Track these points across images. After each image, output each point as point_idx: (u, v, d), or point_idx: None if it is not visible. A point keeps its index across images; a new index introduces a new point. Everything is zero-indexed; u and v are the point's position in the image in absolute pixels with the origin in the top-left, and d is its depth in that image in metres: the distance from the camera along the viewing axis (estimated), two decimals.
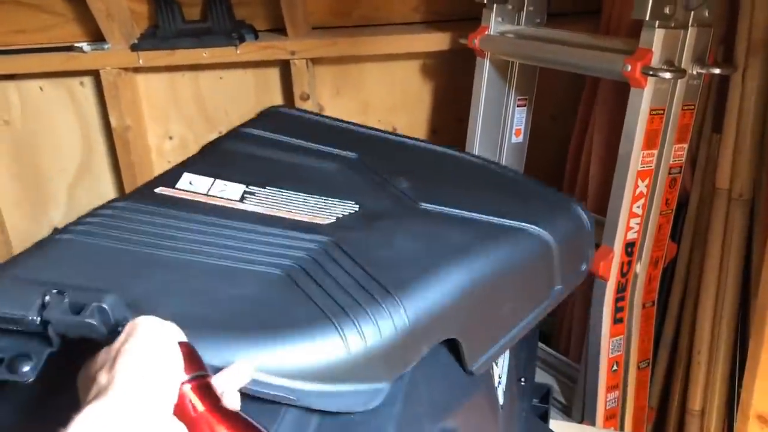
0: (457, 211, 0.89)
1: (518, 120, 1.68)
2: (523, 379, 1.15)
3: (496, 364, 0.93)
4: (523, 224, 0.88)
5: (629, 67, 1.24)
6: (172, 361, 0.54)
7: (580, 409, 1.48)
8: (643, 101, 1.25)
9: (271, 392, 0.61)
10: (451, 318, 0.76)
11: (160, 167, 2.10)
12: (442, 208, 0.89)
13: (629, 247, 1.36)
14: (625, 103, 1.30)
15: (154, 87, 2.01)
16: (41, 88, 2.05)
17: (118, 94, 1.94)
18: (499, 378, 0.95)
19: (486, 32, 1.59)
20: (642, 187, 1.32)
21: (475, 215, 0.88)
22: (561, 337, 1.77)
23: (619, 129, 1.32)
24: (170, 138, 2.07)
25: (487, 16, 1.60)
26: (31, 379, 0.58)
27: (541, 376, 1.59)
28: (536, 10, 1.61)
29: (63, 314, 0.57)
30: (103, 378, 0.52)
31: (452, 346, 0.79)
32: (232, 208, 0.84)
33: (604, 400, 1.43)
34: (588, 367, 1.43)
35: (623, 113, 1.30)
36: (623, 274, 1.37)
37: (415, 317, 0.70)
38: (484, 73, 1.62)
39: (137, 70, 1.96)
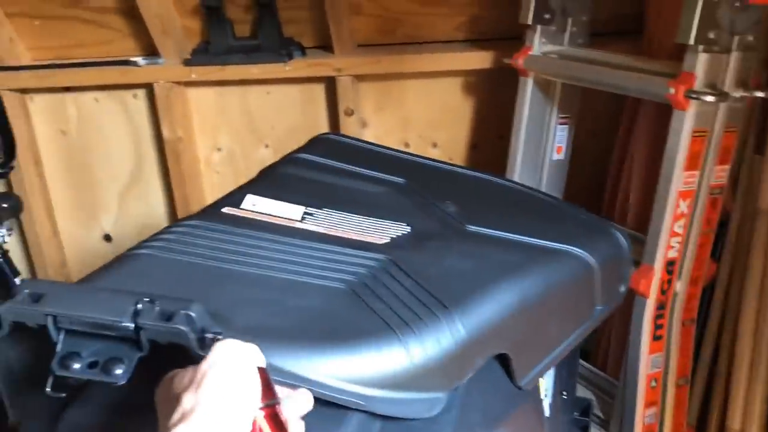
0: (502, 233, 0.93)
1: (560, 138, 1.71)
2: (564, 393, 1.18)
3: (543, 378, 0.97)
4: (566, 246, 0.92)
5: (672, 90, 1.27)
6: (253, 389, 0.57)
7: (618, 423, 1.50)
8: (685, 123, 1.28)
9: (343, 397, 0.66)
10: (503, 333, 0.80)
11: (208, 178, 2.17)
12: (488, 230, 0.94)
13: (670, 265, 1.38)
14: (666, 124, 1.33)
15: (204, 100, 2.08)
16: (97, 100, 2.14)
17: (170, 107, 2.02)
18: (546, 391, 0.98)
19: (529, 52, 1.63)
20: (683, 207, 1.35)
21: (520, 237, 0.93)
22: (599, 352, 1.79)
23: (660, 148, 1.35)
24: (218, 150, 2.14)
25: (530, 36, 1.64)
26: (123, 382, 0.63)
27: (580, 391, 1.61)
28: (579, 31, 1.65)
29: (155, 321, 0.62)
30: (188, 401, 0.55)
31: (503, 360, 0.83)
32: (294, 228, 0.90)
33: (642, 415, 1.46)
34: (627, 383, 1.46)
35: (665, 133, 1.33)
36: (663, 291, 1.40)
37: (470, 331, 0.74)
38: (527, 91, 1.66)
39: (189, 84, 2.04)
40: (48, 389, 0.64)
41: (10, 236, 1.80)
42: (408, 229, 0.91)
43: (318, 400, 0.67)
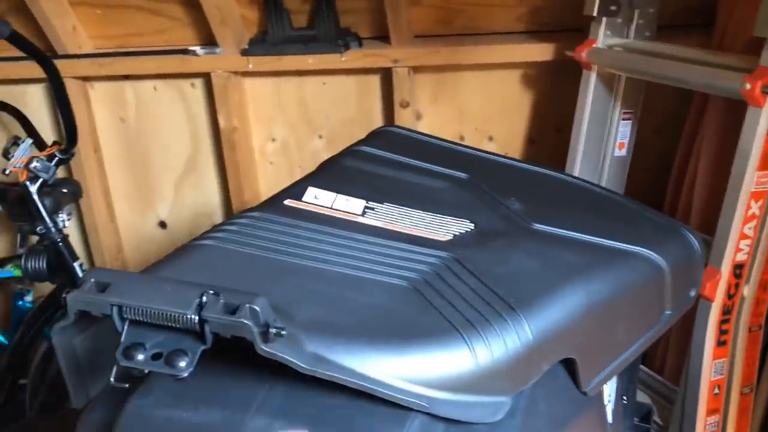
0: (570, 233, 0.90)
1: (622, 133, 1.66)
2: (625, 398, 1.14)
3: (606, 383, 0.94)
4: (636, 248, 0.89)
5: (748, 86, 1.21)
6: None
7: (677, 430, 1.45)
8: (761, 121, 1.22)
9: (405, 398, 0.64)
10: (570, 337, 0.77)
11: (262, 168, 2.18)
12: (555, 229, 0.91)
13: (738, 269, 1.32)
14: (738, 121, 1.27)
15: (260, 90, 2.09)
16: (155, 89, 2.16)
17: (227, 97, 2.03)
18: (609, 396, 0.95)
19: (594, 45, 1.59)
20: (755, 208, 1.29)
21: (588, 237, 0.89)
22: (657, 356, 1.74)
23: (729, 146, 1.29)
24: (273, 140, 2.15)
25: (595, 29, 1.59)
26: (186, 374, 0.62)
27: (637, 395, 1.57)
28: (646, 23, 1.59)
29: (219, 314, 0.61)
30: None
31: (568, 365, 0.80)
32: (356, 222, 0.89)
33: (703, 423, 1.40)
34: (688, 389, 1.41)
35: (735, 131, 1.28)
36: (730, 296, 1.34)
37: (537, 334, 0.72)
38: (590, 85, 1.61)
39: (245, 74, 2.04)
40: (112, 380, 0.64)
41: (70, 221, 1.85)
42: (471, 226, 0.89)
43: (380, 401, 0.65)
